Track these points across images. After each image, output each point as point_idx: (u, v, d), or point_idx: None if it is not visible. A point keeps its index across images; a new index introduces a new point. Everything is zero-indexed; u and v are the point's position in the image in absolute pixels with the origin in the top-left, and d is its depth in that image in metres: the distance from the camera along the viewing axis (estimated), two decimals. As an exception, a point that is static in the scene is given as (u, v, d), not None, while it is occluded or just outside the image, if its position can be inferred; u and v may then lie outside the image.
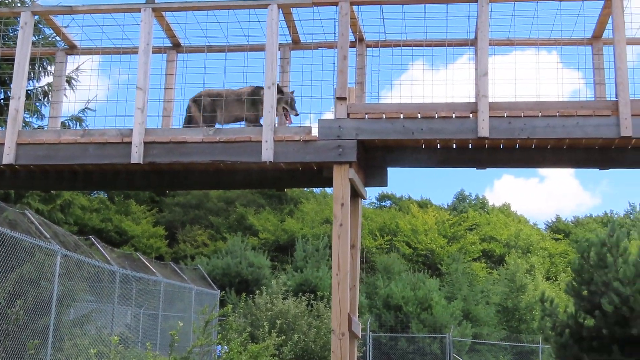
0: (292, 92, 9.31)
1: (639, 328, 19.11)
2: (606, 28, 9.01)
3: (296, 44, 9.72)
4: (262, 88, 8.90)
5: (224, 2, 8.67)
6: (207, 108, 9.34)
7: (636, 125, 7.86)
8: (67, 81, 9.97)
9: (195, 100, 9.43)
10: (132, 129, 8.39)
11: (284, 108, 9.07)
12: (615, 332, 19.59)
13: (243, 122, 9.41)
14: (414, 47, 9.41)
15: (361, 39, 9.44)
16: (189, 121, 9.47)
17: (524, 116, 8.09)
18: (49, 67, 15.04)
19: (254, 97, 9.13)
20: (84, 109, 16.44)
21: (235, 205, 46.83)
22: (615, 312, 19.57)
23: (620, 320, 19.57)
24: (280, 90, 8.92)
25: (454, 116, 8.18)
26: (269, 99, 8.30)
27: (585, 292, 20.94)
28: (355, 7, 8.70)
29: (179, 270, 25.09)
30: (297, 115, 9.18)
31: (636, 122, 7.87)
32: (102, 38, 9.66)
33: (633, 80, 8.19)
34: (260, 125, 8.52)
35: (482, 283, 39.86)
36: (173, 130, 8.67)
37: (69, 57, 10.09)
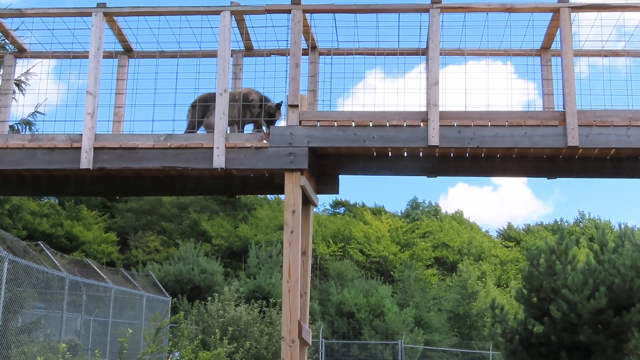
0: (278, 104, 9.07)
1: (587, 334, 19.41)
2: (555, 39, 9.12)
3: (249, 50, 9.72)
4: (266, 98, 8.97)
5: (176, 7, 8.62)
6: (201, 113, 9.24)
7: (583, 135, 8.00)
8: (16, 84, 9.77)
9: (194, 106, 9.33)
10: (81, 134, 8.29)
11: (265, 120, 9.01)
12: (564, 339, 19.87)
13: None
14: (367, 56, 9.43)
15: (314, 47, 9.46)
16: (192, 127, 9.32)
17: (474, 125, 8.18)
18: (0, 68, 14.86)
19: (245, 102, 9.02)
20: (33, 113, 16.28)
21: (189, 211, 46.51)
22: (563, 319, 19.86)
23: (569, 327, 19.86)
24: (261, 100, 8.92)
25: (405, 125, 8.24)
26: (221, 105, 8.25)
27: (535, 299, 21.23)
28: (308, 15, 8.70)
29: (130, 277, 24.90)
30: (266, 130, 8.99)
31: (583, 132, 8.01)
32: (53, 42, 9.54)
33: (580, 91, 8.35)
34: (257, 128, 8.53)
35: (434, 290, 40.17)
36: (124, 136, 8.57)
37: (18, 60, 9.95)
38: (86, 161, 8.20)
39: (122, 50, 9.65)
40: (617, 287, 19.86)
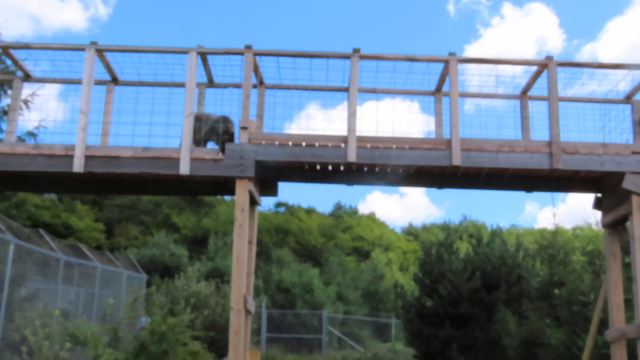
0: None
1: (466, 308, 19.74)
2: (445, 84, 9.20)
3: (211, 83, 9.63)
4: (227, 117, 8.82)
5: (153, 47, 8.51)
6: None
7: (464, 157, 8.16)
8: (23, 103, 9.53)
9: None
10: (75, 145, 8.12)
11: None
12: (448, 311, 20.17)
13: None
14: (303, 90, 9.49)
15: (261, 82, 9.43)
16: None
17: (382, 147, 8.25)
18: (8, 91, 14.49)
19: (214, 124, 8.87)
20: (37, 127, 15.93)
21: (162, 207, 46.03)
22: (448, 296, 20.18)
23: (452, 302, 20.17)
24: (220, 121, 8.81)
25: (330, 145, 8.27)
26: (188, 126, 8.16)
27: (427, 280, 21.50)
28: (257, 57, 8.70)
29: (113, 258, 24.50)
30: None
31: (464, 155, 8.16)
32: (53, 70, 9.39)
33: (463, 123, 8.48)
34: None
35: (352, 272, 40.31)
36: (109, 147, 8.40)
37: (25, 84, 9.70)
38: (78, 166, 8.04)
39: (109, 79, 9.47)
40: (489, 272, 20.29)
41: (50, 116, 11.65)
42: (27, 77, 9.52)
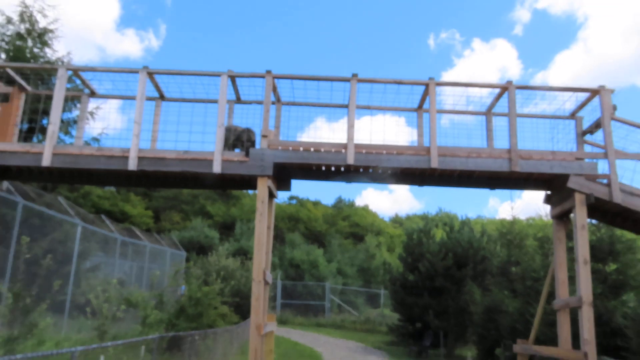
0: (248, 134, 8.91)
1: (440, 282, 19.72)
2: (426, 102, 9.18)
3: (238, 100, 9.60)
4: (250, 129, 8.84)
5: (193, 70, 8.50)
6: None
7: (440, 161, 8.13)
8: (89, 114, 9.52)
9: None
10: (130, 148, 8.13)
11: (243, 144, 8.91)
12: (426, 284, 20.17)
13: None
14: (312, 106, 9.47)
15: (279, 99, 9.41)
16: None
17: (375, 153, 8.23)
18: (78, 105, 14.49)
19: (239, 133, 8.89)
20: (100, 133, 15.91)
21: (199, 198, 46.06)
22: (426, 272, 20.17)
23: (429, 277, 20.16)
24: (240, 131, 8.81)
25: (333, 150, 8.25)
26: (220, 134, 8.16)
27: (410, 259, 21.50)
28: (275, 79, 8.69)
29: (159, 239, 24.52)
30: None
31: (440, 159, 8.14)
32: (113, 88, 9.41)
33: (439, 134, 8.41)
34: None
35: (349, 252, 40.25)
36: (156, 150, 8.39)
37: (91, 99, 9.71)
38: (132, 165, 8.05)
39: (157, 96, 9.47)
40: (459, 253, 20.27)
41: (110, 125, 11.74)
42: (93, 94, 9.53)
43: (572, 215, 8.27)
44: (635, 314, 9.02)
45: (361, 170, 8.60)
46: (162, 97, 9.45)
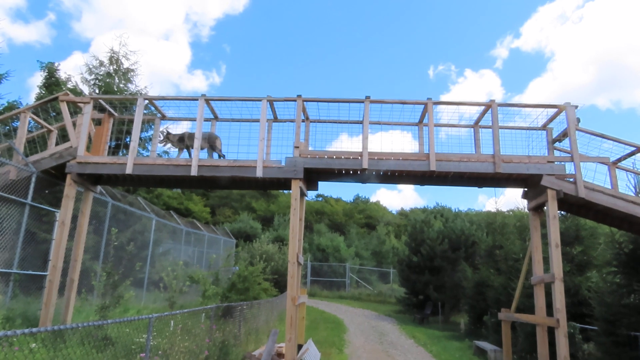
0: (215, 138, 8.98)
1: (438, 262, 19.48)
2: (425, 117, 9.13)
3: (275, 119, 9.65)
4: (212, 134, 8.96)
5: (240, 97, 8.60)
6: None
7: (437, 165, 8.06)
8: (161, 133, 9.70)
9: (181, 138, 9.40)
10: (192, 158, 8.26)
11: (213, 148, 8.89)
12: (427, 264, 19.94)
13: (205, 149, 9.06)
14: (334, 123, 9.46)
15: (307, 118, 9.42)
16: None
17: (385, 159, 8.20)
18: (152, 126, 14.77)
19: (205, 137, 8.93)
20: (169, 147, 16.11)
21: (246, 197, 46.44)
22: (427, 254, 19.94)
23: (430, 258, 19.93)
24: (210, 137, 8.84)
25: (351, 158, 8.25)
26: (261, 146, 8.19)
27: (413, 244, 21.29)
28: (305, 102, 8.72)
29: (215, 229, 24.82)
30: (220, 156, 8.90)
31: (438, 164, 8.07)
32: (179, 112, 9.60)
33: (436, 143, 8.35)
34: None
35: (365, 238, 40.07)
36: (212, 160, 8.51)
37: (162, 121, 9.90)
38: (194, 172, 8.15)
39: (212, 117, 9.62)
40: (453, 239, 19.99)
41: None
42: (163, 117, 9.72)
43: (545, 207, 8.12)
44: (597, 288, 8.79)
45: (373, 173, 8.58)
46: (216, 118, 9.58)
